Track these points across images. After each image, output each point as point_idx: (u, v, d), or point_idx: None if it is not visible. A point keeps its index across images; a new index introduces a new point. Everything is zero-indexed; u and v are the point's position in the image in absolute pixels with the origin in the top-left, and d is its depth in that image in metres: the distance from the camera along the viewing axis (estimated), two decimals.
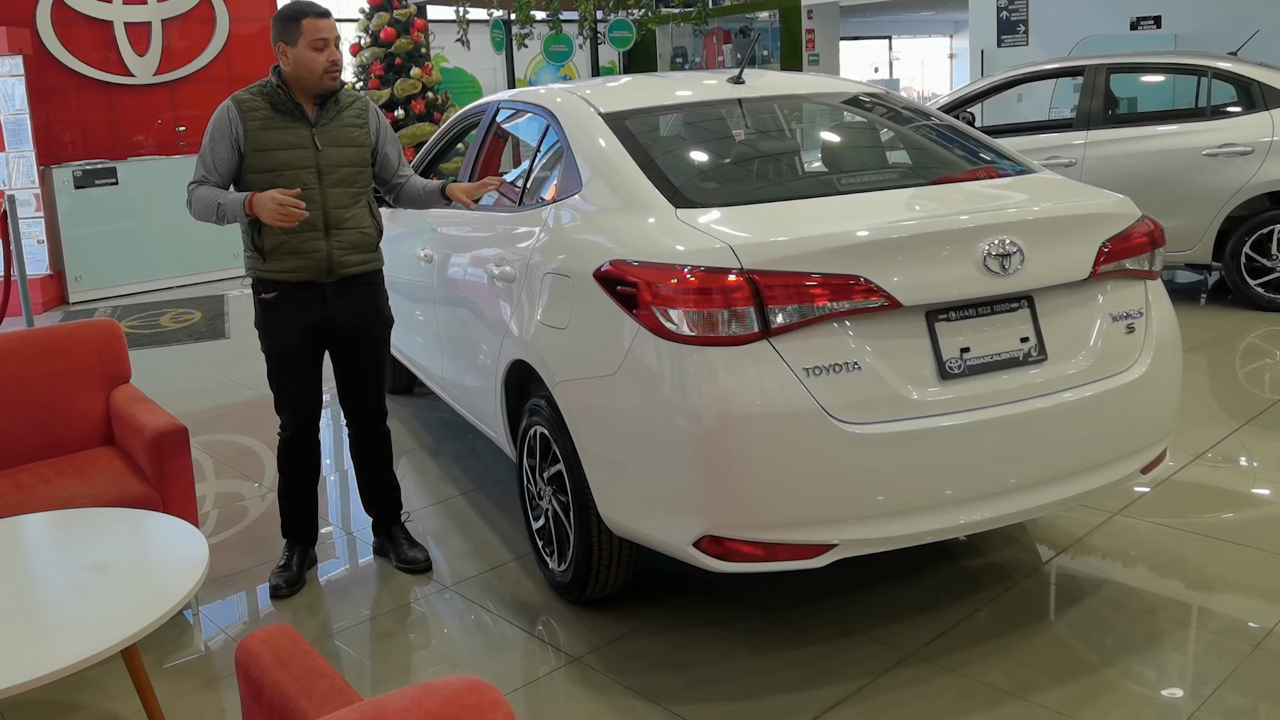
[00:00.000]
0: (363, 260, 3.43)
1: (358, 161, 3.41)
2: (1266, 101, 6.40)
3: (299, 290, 3.36)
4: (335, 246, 3.34)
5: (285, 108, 3.31)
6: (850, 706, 2.70)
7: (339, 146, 3.36)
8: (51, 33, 9.44)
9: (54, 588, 2.51)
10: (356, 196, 3.40)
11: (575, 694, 2.84)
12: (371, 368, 3.59)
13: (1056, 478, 2.83)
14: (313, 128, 3.32)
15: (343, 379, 3.60)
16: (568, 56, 11.83)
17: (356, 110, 3.43)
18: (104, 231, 9.22)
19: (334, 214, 3.33)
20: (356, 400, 3.62)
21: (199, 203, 3.32)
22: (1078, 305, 2.89)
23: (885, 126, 3.87)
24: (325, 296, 3.39)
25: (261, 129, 3.29)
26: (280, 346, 3.44)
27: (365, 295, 3.49)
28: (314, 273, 3.34)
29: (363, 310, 3.48)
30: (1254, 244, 6.44)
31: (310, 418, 3.55)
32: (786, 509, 2.61)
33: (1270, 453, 4.29)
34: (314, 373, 3.51)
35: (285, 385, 3.50)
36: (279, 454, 3.58)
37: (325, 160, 3.32)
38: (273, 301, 3.39)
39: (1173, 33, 10.43)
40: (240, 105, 3.31)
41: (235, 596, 3.56)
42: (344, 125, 3.38)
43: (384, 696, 1.38)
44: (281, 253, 3.31)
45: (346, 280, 3.41)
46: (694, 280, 2.60)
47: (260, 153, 3.29)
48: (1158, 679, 2.76)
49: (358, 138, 3.41)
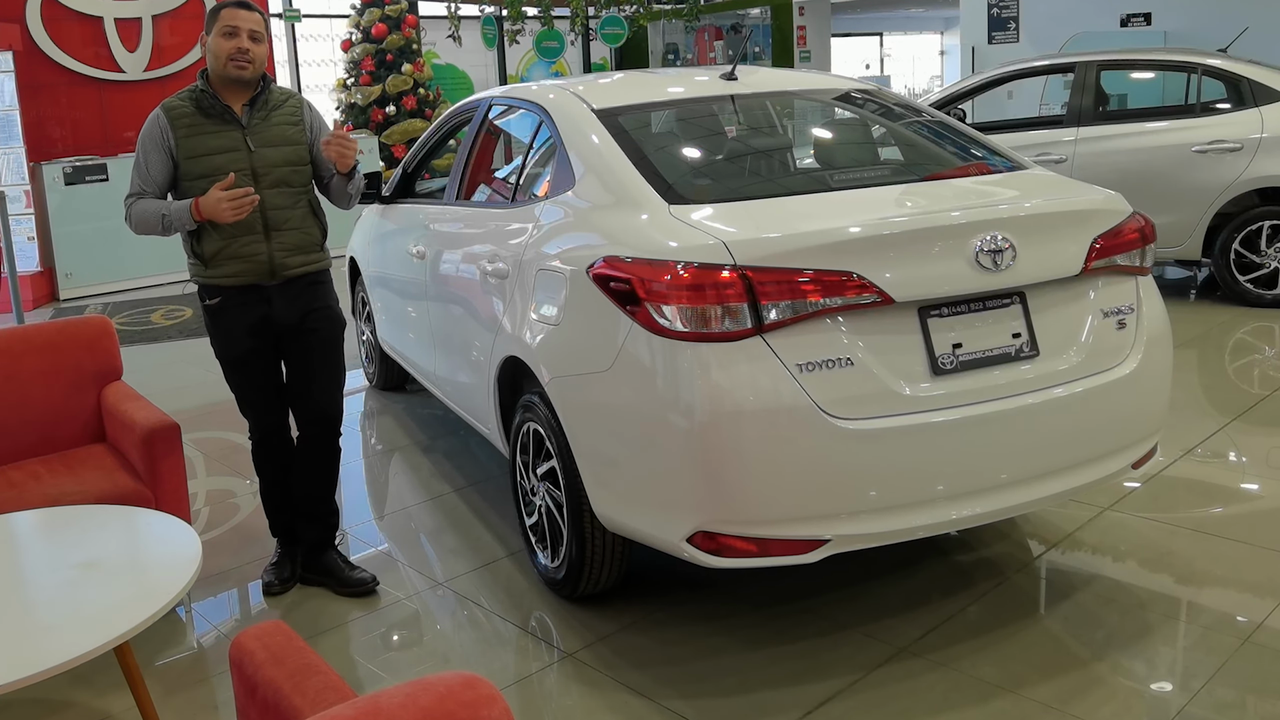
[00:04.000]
0: (306, 261, 3.34)
1: (295, 160, 3.30)
2: (1256, 98, 6.42)
3: (243, 294, 3.28)
4: (276, 249, 3.26)
5: (213, 111, 3.22)
6: (842, 701, 2.71)
7: (273, 146, 3.26)
8: (41, 29, 9.39)
9: (46, 585, 2.50)
10: (296, 197, 3.31)
11: (569, 689, 2.84)
12: (321, 369, 3.42)
13: (1048, 473, 2.84)
14: (244, 129, 3.24)
15: (291, 381, 3.46)
16: (559, 53, 11.82)
17: (290, 109, 3.34)
18: (94, 228, 9.17)
19: (273, 215, 3.25)
20: (303, 403, 3.45)
21: (139, 215, 3.22)
22: (1069, 301, 2.91)
23: (877, 123, 3.88)
24: (269, 298, 3.31)
25: (191, 135, 3.20)
26: (230, 351, 3.37)
27: (312, 295, 3.39)
28: (256, 276, 3.26)
29: (309, 310, 3.38)
30: (1243, 240, 6.47)
31: (274, 421, 3.47)
32: (779, 504, 2.62)
33: (1259, 448, 4.32)
34: (270, 375, 3.42)
35: (244, 389, 3.43)
36: (253, 457, 3.53)
37: (259, 161, 3.24)
38: (217, 307, 3.31)
39: (1162, 30, 10.46)
40: (169, 113, 3.22)
41: (227, 593, 3.55)
42: (277, 124, 3.29)
43: (379, 693, 1.38)
44: (222, 258, 3.23)
45: (290, 281, 3.32)
46: (687, 276, 2.60)
47: (193, 159, 3.20)
48: (1148, 673, 2.78)
49: (292, 135, 3.31)
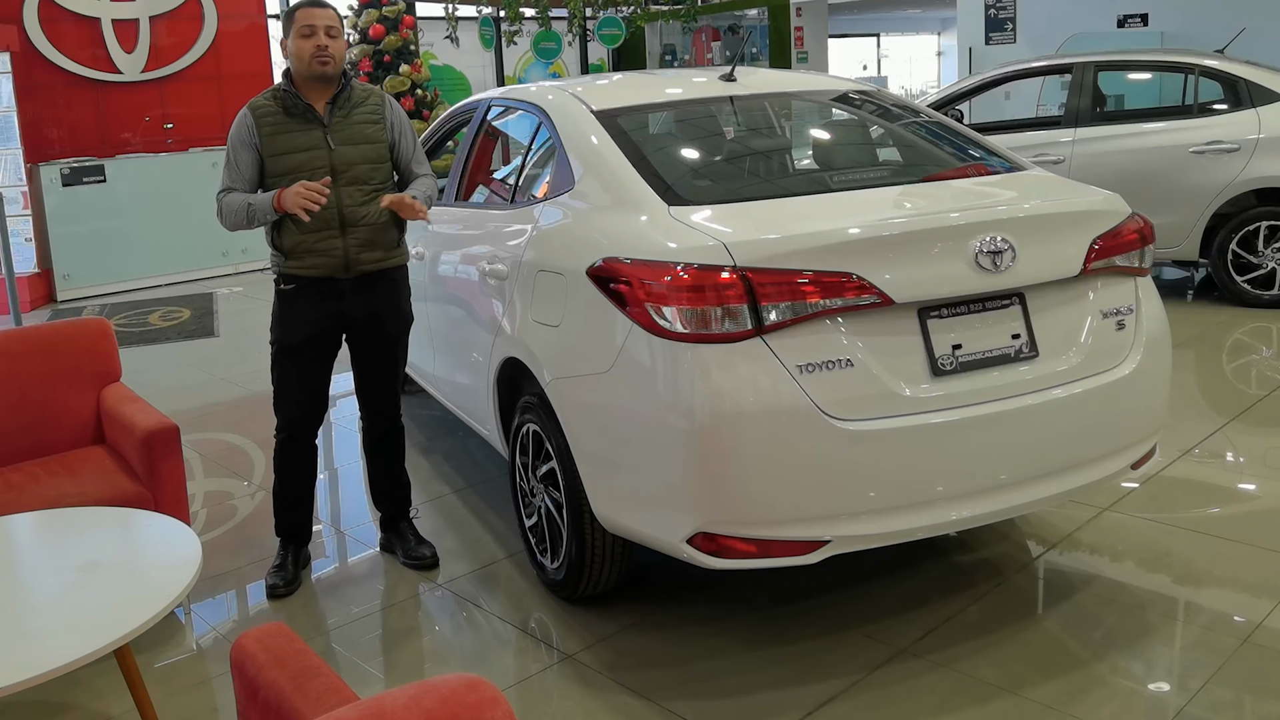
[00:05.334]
0: (382, 257, 3.41)
1: (373, 158, 3.38)
2: (1253, 99, 6.43)
3: (318, 284, 3.36)
4: (352, 244, 3.33)
5: (296, 110, 3.31)
6: (843, 702, 2.71)
7: (353, 144, 3.34)
8: (39, 30, 9.37)
9: (45, 587, 2.50)
10: (374, 194, 3.37)
11: (569, 691, 2.84)
12: (388, 363, 3.59)
13: (1047, 474, 2.84)
14: (326, 128, 3.31)
15: (359, 373, 3.61)
16: (557, 54, 11.81)
17: (371, 106, 3.42)
18: (92, 229, 9.16)
19: (349, 212, 3.32)
20: (371, 395, 3.63)
21: (228, 210, 3.33)
22: (1069, 302, 2.91)
23: (876, 124, 3.88)
24: (344, 292, 3.39)
25: (275, 133, 3.29)
26: (288, 338, 3.42)
27: (385, 291, 3.47)
28: (332, 269, 3.34)
29: (381, 306, 3.47)
30: (1240, 240, 6.48)
31: (309, 421, 3.51)
32: (780, 506, 2.61)
33: (1257, 448, 4.32)
34: (318, 372, 3.48)
35: (285, 382, 3.47)
36: (275, 456, 3.55)
37: (339, 159, 3.31)
38: (291, 291, 3.39)
39: (1159, 30, 10.48)
40: (255, 112, 3.33)
41: (226, 595, 3.55)
42: (358, 123, 3.36)
43: (382, 695, 1.38)
44: (300, 251, 3.32)
45: (366, 276, 3.40)
46: (687, 278, 2.60)
47: (275, 157, 3.29)
48: (1147, 673, 2.79)
49: (373, 134, 3.39)
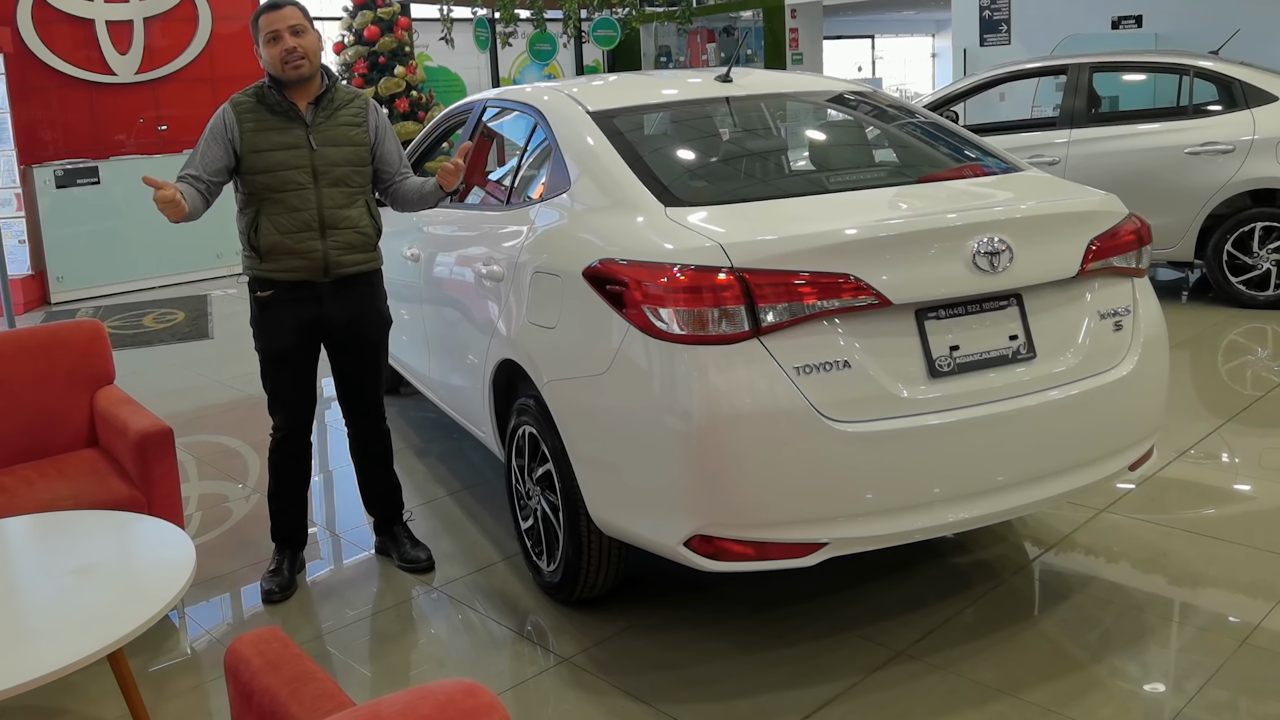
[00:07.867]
0: (360, 260, 3.40)
1: (355, 161, 3.37)
2: (1248, 100, 6.45)
3: (296, 289, 3.34)
4: (331, 246, 3.31)
5: (279, 108, 3.29)
6: (840, 705, 2.70)
7: (335, 146, 3.32)
8: (32, 31, 9.36)
9: (38, 591, 2.49)
10: (353, 196, 3.36)
11: (565, 694, 2.83)
12: (370, 367, 3.57)
13: (1045, 475, 2.84)
14: (308, 127, 3.30)
15: (340, 378, 3.59)
16: (552, 55, 11.81)
17: (355, 109, 3.40)
18: (86, 231, 9.14)
19: (329, 214, 3.30)
20: (354, 400, 3.61)
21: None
22: (1066, 303, 2.90)
23: (873, 125, 3.87)
24: (322, 296, 3.37)
25: (256, 131, 3.27)
26: (274, 345, 3.41)
27: (362, 295, 3.46)
28: (310, 273, 3.32)
29: (360, 310, 3.46)
30: (1235, 241, 6.49)
31: (303, 420, 3.52)
32: (777, 508, 2.61)
33: (1252, 449, 4.32)
34: (308, 373, 3.48)
35: (279, 386, 3.47)
36: (270, 456, 3.55)
37: (320, 160, 3.29)
38: (269, 300, 3.36)
39: (1154, 32, 10.49)
40: (236, 108, 3.30)
41: (221, 598, 3.53)
42: (340, 124, 3.35)
43: (379, 700, 1.37)
44: (278, 253, 3.29)
45: (344, 280, 3.38)
46: (684, 279, 2.59)
47: (255, 154, 3.27)
48: (1144, 675, 2.78)
49: (355, 136, 3.37)
